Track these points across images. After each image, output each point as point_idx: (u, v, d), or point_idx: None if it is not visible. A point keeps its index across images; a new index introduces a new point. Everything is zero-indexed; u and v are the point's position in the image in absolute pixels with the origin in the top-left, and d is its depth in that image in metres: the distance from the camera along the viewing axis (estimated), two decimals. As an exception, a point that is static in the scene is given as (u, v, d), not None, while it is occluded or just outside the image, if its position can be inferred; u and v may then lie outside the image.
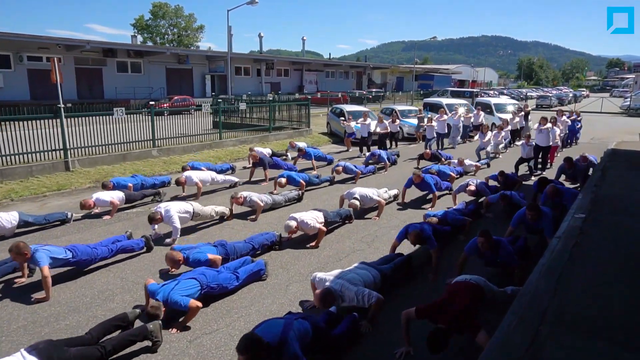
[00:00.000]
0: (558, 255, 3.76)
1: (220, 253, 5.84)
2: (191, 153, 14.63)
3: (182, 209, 7.16)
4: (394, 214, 8.60)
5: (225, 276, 5.21)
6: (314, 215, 7.05)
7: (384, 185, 10.75)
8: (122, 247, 6.21)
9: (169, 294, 4.60)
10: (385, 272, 5.31)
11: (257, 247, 6.40)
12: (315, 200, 9.56)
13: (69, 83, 31.44)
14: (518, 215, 6.39)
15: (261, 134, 17.64)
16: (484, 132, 14.44)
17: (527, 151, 11.74)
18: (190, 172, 9.89)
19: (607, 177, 6.93)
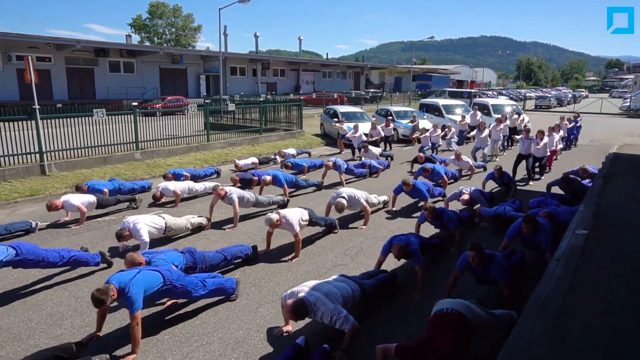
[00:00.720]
0: (557, 284, 3.24)
1: (187, 261, 5.32)
2: (177, 156, 14.12)
3: (152, 222, 6.63)
4: (382, 223, 8.07)
5: (192, 280, 4.70)
6: (298, 213, 6.56)
7: (375, 191, 10.26)
8: (75, 257, 5.66)
9: (130, 281, 4.02)
10: (366, 287, 4.80)
11: (230, 259, 5.88)
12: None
13: (59, 83, 30.96)
14: (513, 228, 5.88)
15: (251, 135, 17.11)
16: (481, 129, 13.84)
17: (526, 146, 11.19)
18: (167, 184, 9.36)
19: (610, 185, 6.42)
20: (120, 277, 4.09)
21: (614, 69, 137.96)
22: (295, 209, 6.72)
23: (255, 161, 13.31)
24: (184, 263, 5.27)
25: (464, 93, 38.13)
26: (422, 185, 8.51)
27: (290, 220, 6.26)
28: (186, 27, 66.52)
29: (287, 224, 6.28)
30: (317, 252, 6.65)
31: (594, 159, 14.18)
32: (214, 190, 7.73)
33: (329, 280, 4.69)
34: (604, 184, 6.47)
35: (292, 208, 6.84)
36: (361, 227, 7.68)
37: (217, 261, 5.69)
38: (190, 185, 9.70)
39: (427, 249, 5.98)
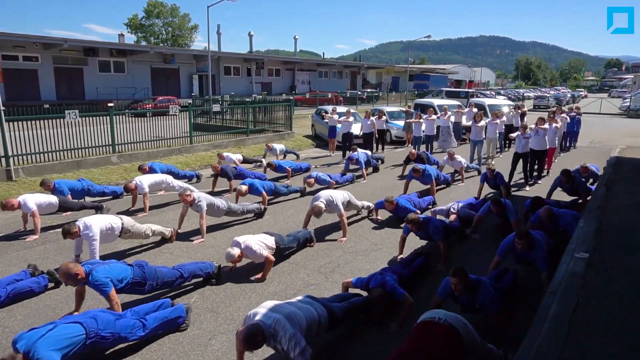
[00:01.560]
0: (552, 330, 2.60)
1: (135, 275, 4.66)
2: (157, 159, 13.42)
3: (107, 224, 5.96)
4: (365, 234, 7.42)
5: (126, 323, 4.02)
6: (262, 239, 5.86)
7: (361, 197, 9.61)
8: (16, 290, 5.02)
9: (35, 343, 3.33)
10: (335, 311, 4.16)
11: (187, 277, 5.21)
12: (278, 216, 8.38)
13: (47, 83, 30.27)
14: (506, 244, 5.25)
15: (238, 137, 16.46)
16: (477, 121, 13.07)
17: (522, 144, 10.55)
18: (142, 177, 8.69)
19: (612, 195, 5.78)
20: (28, 337, 3.41)
21: (613, 68, 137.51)
22: (260, 235, 6.02)
23: (239, 158, 12.69)
24: (131, 277, 4.62)
25: (461, 93, 37.51)
26: (407, 203, 7.82)
27: (253, 248, 5.55)
28: (183, 27, 65.77)
29: (252, 254, 5.61)
30: (288, 270, 6.00)
31: (594, 161, 13.45)
32: (180, 195, 7.08)
33: (292, 301, 4.05)
34: (606, 193, 5.84)
35: (257, 235, 6.07)
36: (340, 240, 7.03)
37: (172, 278, 5.04)
38: (169, 180, 9.03)
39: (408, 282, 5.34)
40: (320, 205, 6.77)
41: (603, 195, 5.67)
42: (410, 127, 16.32)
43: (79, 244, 5.97)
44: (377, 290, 4.65)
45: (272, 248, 5.92)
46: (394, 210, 7.72)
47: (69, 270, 4.21)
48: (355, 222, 7.98)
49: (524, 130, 10.61)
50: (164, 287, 4.99)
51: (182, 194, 7.03)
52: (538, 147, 10.69)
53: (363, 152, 12.00)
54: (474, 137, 12.98)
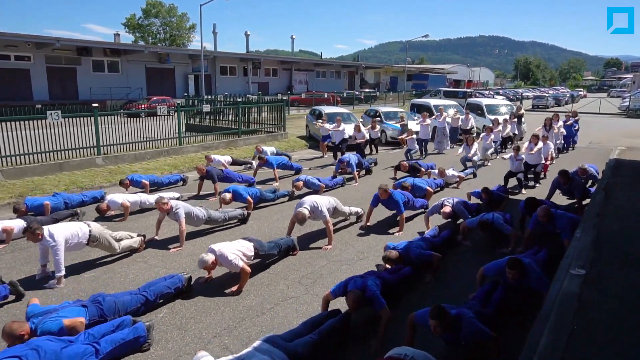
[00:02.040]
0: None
1: (92, 315, 4.29)
2: (144, 161, 13.09)
3: (73, 232, 5.61)
4: (351, 242, 7.05)
5: (75, 350, 3.65)
6: (240, 247, 5.51)
7: (352, 201, 9.27)
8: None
9: None
10: (300, 354, 3.75)
11: (154, 299, 4.84)
12: (262, 222, 8.02)
13: (39, 83, 29.91)
14: (495, 268, 4.85)
15: (229, 138, 16.09)
16: (469, 145, 12.49)
17: (516, 166, 10.22)
18: (114, 196, 8.29)
19: (611, 200, 5.43)
20: None
21: (612, 68, 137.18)
22: (238, 242, 5.67)
23: (228, 160, 12.33)
24: (87, 319, 4.24)
25: (459, 93, 37.16)
26: (400, 196, 7.48)
27: (228, 257, 5.19)
28: (181, 27, 65.34)
29: (226, 263, 5.24)
30: (267, 281, 5.64)
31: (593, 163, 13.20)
32: (156, 203, 6.72)
33: (249, 351, 3.60)
34: (604, 198, 5.48)
35: (235, 241, 5.73)
36: (325, 248, 6.67)
37: (136, 305, 4.66)
38: (142, 199, 8.65)
39: (393, 288, 4.98)
40: (304, 212, 6.42)
41: (602, 201, 5.32)
42: (405, 129, 16.00)
43: (44, 253, 5.62)
44: (354, 292, 4.26)
45: (251, 256, 5.57)
46: (386, 201, 7.38)
47: (13, 332, 3.77)
48: (343, 229, 7.62)
49: (516, 152, 10.26)
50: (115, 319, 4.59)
51: (158, 202, 6.67)
52: (533, 162, 10.44)
53: (354, 154, 11.63)
54: (467, 157, 12.49)
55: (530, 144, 10.35)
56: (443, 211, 7.23)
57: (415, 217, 8.21)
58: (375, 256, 6.39)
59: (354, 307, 4.25)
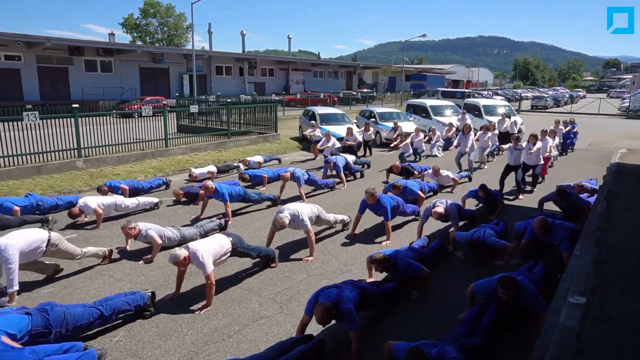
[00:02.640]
0: None
1: (35, 325, 3.83)
2: (128, 163, 12.62)
3: (29, 241, 5.14)
4: (334, 252, 6.59)
5: (16, 357, 3.21)
6: (217, 244, 5.12)
7: (340, 206, 8.83)
8: None
9: None
10: None
11: (109, 315, 4.38)
12: (244, 229, 7.54)
13: (30, 83, 29.44)
14: (486, 286, 4.41)
15: (219, 139, 15.63)
16: (465, 134, 12.16)
17: (514, 156, 9.73)
18: (88, 199, 7.82)
19: (614, 210, 4.98)
20: None
21: (611, 68, 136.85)
22: (215, 238, 5.29)
23: (212, 170, 11.81)
24: (28, 329, 3.78)
25: (457, 93, 36.76)
26: (388, 201, 7.00)
27: (201, 257, 4.80)
28: (178, 27, 64.87)
29: (197, 262, 4.82)
30: (238, 297, 5.18)
31: (593, 166, 12.80)
32: (123, 229, 6.21)
33: None
34: (606, 209, 5.03)
35: (212, 237, 5.38)
36: (306, 259, 6.21)
37: (87, 320, 4.21)
38: (118, 201, 8.18)
39: (372, 300, 4.52)
40: (284, 220, 5.96)
41: (603, 212, 4.87)
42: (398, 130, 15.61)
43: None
44: (323, 305, 3.78)
45: (227, 251, 5.23)
46: (373, 207, 6.95)
47: None
48: (327, 237, 7.16)
49: (515, 142, 9.78)
50: (78, 332, 4.14)
51: (124, 228, 6.15)
52: (532, 162, 9.94)
53: (342, 157, 11.17)
54: (463, 149, 12.07)
55: (528, 144, 9.90)
56: (434, 211, 6.70)
57: (405, 225, 7.75)
58: (359, 269, 5.94)
59: (321, 321, 3.79)
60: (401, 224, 7.82)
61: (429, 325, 4.56)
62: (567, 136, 15.34)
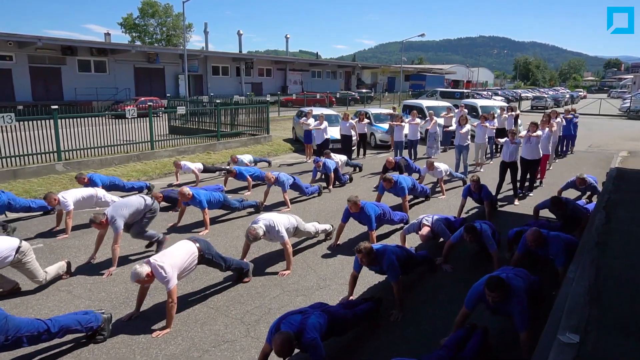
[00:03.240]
0: None
1: None
2: (111, 167, 12.19)
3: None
4: (314, 265, 6.15)
5: None
6: (179, 252, 4.71)
7: (325, 214, 8.40)
8: None
9: None
10: None
11: (56, 332, 3.91)
12: (221, 238, 7.11)
13: (22, 83, 29.03)
14: (475, 293, 4.02)
15: (207, 142, 15.19)
16: (461, 124, 11.70)
17: (510, 151, 9.25)
18: (68, 193, 7.41)
19: (613, 223, 4.53)
20: None
21: (612, 68, 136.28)
22: (181, 245, 4.85)
23: (199, 167, 11.43)
24: None
25: (456, 93, 36.29)
26: (373, 209, 6.57)
27: (164, 272, 4.37)
28: (177, 26, 64.48)
29: (161, 278, 4.40)
30: (203, 318, 4.74)
31: (593, 169, 12.31)
32: (92, 222, 5.83)
33: None
34: (605, 221, 4.58)
35: (177, 244, 4.92)
36: (282, 273, 5.77)
37: (32, 332, 3.73)
38: (99, 193, 7.74)
39: (344, 326, 4.08)
40: (257, 231, 5.51)
41: (602, 225, 4.42)
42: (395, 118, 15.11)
43: None
44: (283, 336, 3.35)
45: (194, 259, 4.82)
46: (357, 215, 6.53)
47: None
48: (308, 248, 6.72)
49: (512, 136, 9.27)
50: (18, 344, 3.71)
51: (93, 221, 5.77)
52: (530, 156, 9.40)
53: (333, 161, 10.72)
54: (458, 142, 11.68)
55: (527, 132, 9.39)
56: (421, 234, 6.30)
57: (392, 234, 7.31)
58: (339, 284, 5.50)
59: (280, 354, 3.35)
60: (388, 232, 7.39)
61: (409, 348, 4.13)
62: (567, 129, 14.73)
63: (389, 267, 4.77)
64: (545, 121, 10.16)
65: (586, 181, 8.20)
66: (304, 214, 8.54)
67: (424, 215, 6.62)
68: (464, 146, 11.55)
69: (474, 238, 5.58)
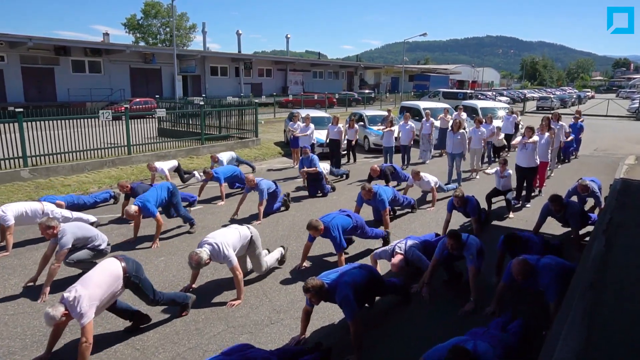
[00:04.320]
0: None
1: None
2: (83, 173, 11.52)
3: None
4: (270, 293, 5.37)
5: None
6: (102, 278, 4.02)
7: (298, 227, 7.66)
8: None
9: None
10: None
11: None
12: (174, 258, 6.37)
13: (14, 84, 28.57)
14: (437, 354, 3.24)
15: (190, 145, 14.48)
16: (454, 131, 10.74)
17: (502, 183, 8.48)
18: (9, 206, 6.69)
19: (615, 255, 3.73)
20: None
21: (621, 68, 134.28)
22: (103, 267, 4.13)
23: (174, 164, 10.83)
24: None
25: (459, 94, 35.40)
26: (337, 229, 5.74)
27: (79, 306, 3.69)
28: (180, 27, 64.06)
29: (76, 314, 3.70)
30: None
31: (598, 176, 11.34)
32: (40, 225, 5.23)
33: None
34: (605, 250, 3.77)
35: (99, 266, 4.18)
36: (230, 304, 5.00)
37: None
38: (48, 208, 7.01)
39: None
40: (201, 256, 4.73)
41: (600, 258, 3.62)
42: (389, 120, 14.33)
43: None
44: None
45: (118, 287, 4.13)
46: (324, 235, 5.74)
47: None
48: (267, 274, 5.90)
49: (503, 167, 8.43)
50: None
51: (42, 224, 5.16)
52: (525, 163, 8.59)
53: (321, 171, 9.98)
54: (451, 149, 10.79)
55: (523, 138, 8.61)
56: (393, 262, 5.48)
57: (365, 256, 6.49)
58: (294, 318, 4.73)
59: None
60: (360, 253, 6.60)
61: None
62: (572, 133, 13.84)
63: (342, 302, 4.01)
64: (544, 125, 9.33)
65: (589, 188, 7.38)
66: (276, 227, 7.81)
67: (397, 242, 5.79)
68: (457, 154, 10.71)
69: (456, 245, 4.85)
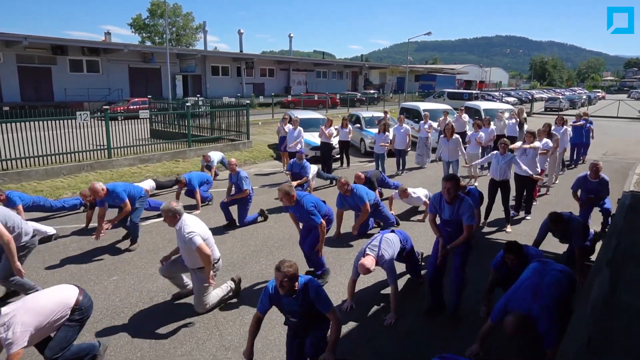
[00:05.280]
0: None
1: None
2: (58, 177, 10.94)
3: None
4: (224, 324, 4.69)
5: None
6: (49, 306, 3.54)
7: (273, 240, 6.99)
8: None
9: None
10: None
11: None
12: (128, 277, 5.71)
13: (10, 84, 28.21)
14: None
15: (176, 148, 13.87)
16: (447, 136, 10.02)
17: (501, 167, 7.67)
18: None
19: (621, 292, 3.00)
20: None
21: (632, 68, 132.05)
22: (56, 294, 3.64)
23: (152, 185, 10.05)
24: None
25: (464, 95, 34.52)
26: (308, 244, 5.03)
27: (10, 331, 3.21)
28: (187, 26, 63.83)
29: (5, 342, 3.20)
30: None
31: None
32: None
33: None
34: (609, 289, 3.04)
35: (57, 289, 3.60)
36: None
37: None
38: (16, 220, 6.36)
39: None
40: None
41: (602, 302, 2.90)
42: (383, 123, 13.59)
43: None
44: None
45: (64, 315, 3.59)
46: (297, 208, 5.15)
47: None
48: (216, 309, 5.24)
49: (503, 149, 7.66)
50: None
51: None
52: (523, 172, 7.83)
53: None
54: (447, 157, 10.03)
55: (523, 143, 7.94)
56: (361, 264, 4.54)
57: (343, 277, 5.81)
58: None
59: None
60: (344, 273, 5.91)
61: None
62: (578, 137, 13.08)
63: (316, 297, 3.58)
64: (543, 131, 8.59)
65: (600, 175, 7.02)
66: (249, 240, 7.14)
67: (368, 244, 4.87)
68: (452, 161, 9.96)
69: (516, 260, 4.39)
